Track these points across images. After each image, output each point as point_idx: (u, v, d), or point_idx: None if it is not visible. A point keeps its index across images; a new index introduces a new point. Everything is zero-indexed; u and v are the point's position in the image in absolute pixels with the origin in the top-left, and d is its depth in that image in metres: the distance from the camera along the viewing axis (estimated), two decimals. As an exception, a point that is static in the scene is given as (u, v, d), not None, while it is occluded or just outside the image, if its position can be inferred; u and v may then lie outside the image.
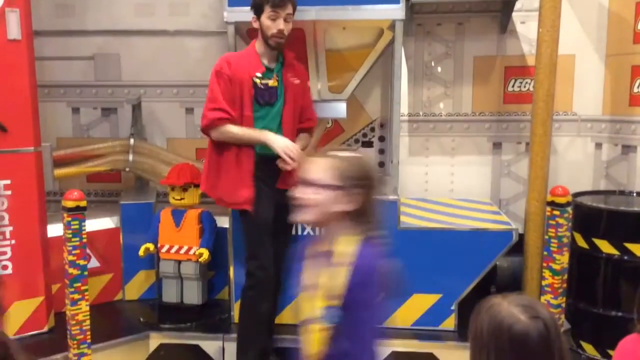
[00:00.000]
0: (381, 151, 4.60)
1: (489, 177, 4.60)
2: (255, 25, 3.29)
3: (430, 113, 4.56)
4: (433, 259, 3.79)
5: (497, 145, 4.57)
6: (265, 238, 3.33)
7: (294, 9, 3.30)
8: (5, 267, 3.66)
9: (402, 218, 3.86)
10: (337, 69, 3.90)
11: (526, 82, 4.42)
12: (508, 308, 1.49)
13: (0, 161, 3.59)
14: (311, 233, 3.65)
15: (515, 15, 4.32)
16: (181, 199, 4.08)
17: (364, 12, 3.61)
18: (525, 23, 4.36)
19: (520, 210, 4.40)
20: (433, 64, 4.52)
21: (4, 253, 3.65)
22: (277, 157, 3.23)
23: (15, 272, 3.69)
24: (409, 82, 4.52)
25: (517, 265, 4.17)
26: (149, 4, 4.71)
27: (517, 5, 4.23)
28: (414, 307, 3.84)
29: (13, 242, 3.68)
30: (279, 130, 3.35)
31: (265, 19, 3.22)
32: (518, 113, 4.48)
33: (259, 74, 3.28)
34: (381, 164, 4.61)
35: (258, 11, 3.25)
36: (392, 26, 3.70)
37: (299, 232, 3.70)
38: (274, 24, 3.22)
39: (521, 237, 4.00)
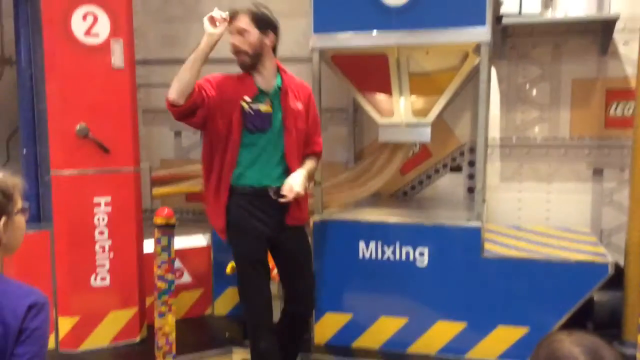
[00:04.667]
0: (471, 176, 4.47)
1: (589, 205, 4.34)
2: None
3: (524, 137, 4.38)
4: (520, 290, 3.63)
5: (597, 172, 4.30)
6: (252, 273, 3.17)
7: (257, 22, 3.02)
8: (103, 279, 3.93)
9: (488, 246, 3.72)
10: (421, 93, 3.85)
11: (629, 106, 4.15)
12: (569, 347, 1.37)
13: (102, 180, 3.88)
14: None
15: (617, 36, 4.08)
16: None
17: (447, 36, 3.53)
18: (629, 44, 4.10)
19: (624, 242, 4.10)
20: (527, 86, 4.36)
21: (103, 265, 3.93)
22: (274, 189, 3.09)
23: (112, 284, 3.95)
24: (502, 106, 4.38)
25: (617, 301, 3.89)
26: (246, 32, 4.92)
27: (619, 26, 3.99)
28: (498, 340, 3.68)
29: (111, 255, 3.94)
30: (282, 158, 3.15)
31: None
32: (621, 138, 4.20)
33: (247, 98, 3.03)
34: (470, 190, 4.48)
35: None
36: (477, 49, 3.61)
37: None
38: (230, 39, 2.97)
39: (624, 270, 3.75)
